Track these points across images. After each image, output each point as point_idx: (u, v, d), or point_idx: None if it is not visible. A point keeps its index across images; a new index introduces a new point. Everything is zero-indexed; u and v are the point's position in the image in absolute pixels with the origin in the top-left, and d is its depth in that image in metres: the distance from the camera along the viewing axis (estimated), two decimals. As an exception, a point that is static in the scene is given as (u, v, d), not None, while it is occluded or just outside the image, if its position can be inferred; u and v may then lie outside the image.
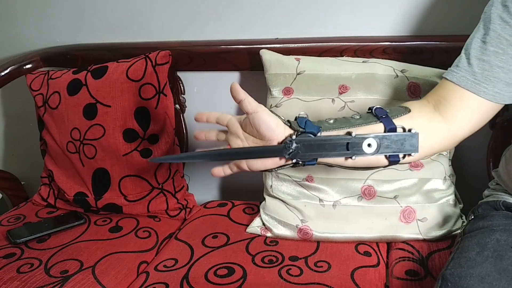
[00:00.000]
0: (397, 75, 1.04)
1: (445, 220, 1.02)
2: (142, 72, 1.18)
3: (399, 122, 0.73)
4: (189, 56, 1.25)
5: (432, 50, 1.09)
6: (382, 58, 1.10)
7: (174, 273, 0.98)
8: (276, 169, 0.75)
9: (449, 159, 1.07)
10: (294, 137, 0.71)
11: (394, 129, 0.72)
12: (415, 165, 1.02)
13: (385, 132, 0.72)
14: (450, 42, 1.07)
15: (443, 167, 1.04)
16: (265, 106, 0.75)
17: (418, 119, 0.75)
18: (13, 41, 1.44)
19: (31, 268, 1.01)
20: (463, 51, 0.77)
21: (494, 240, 0.75)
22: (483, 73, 0.72)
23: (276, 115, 0.73)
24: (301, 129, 0.71)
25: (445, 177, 1.04)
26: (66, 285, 0.95)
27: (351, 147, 0.70)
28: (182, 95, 1.31)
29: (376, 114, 0.74)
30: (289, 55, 1.13)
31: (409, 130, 0.72)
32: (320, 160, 0.73)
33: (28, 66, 1.35)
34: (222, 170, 0.77)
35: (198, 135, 0.81)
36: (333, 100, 1.05)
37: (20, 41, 1.43)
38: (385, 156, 0.73)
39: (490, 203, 0.88)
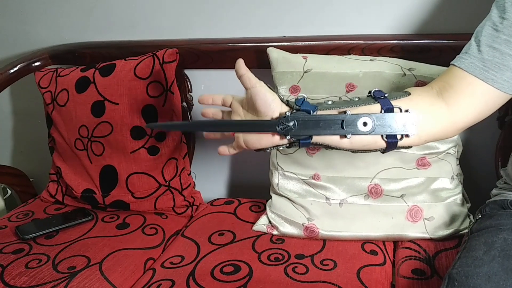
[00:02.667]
0: (405, 74, 1.03)
1: (452, 219, 1.02)
2: (150, 70, 1.19)
3: (397, 103, 0.72)
4: (196, 54, 1.25)
5: (440, 49, 1.09)
6: (390, 57, 1.09)
7: (181, 270, 0.98)
8: (271, 148, 0.76)
9: (457, 158, 1.06)
10: (289, 113, 0.71)
11: (391, 109, 0.71)
12: (422, 164, 1.02)
13: (381, 112, 0.71)
14: (458, 40, 1.05)
15: (451, 166, 1.03)
16: None
17: (417, 101, 0.74)
18: (22, 39, 1.45)
19: (39, 264, 1.02)
20: (472, 38, 0.76)
21: (502, 239, 0.74)
22: (493, 60, 0.71)
23: (275, 92, 0.75)
24: (297, 107, 0.71)
25: (452, 176, 1.03)
26: (73, 281, 0.96)
27: (346, 125, 0.69)
28: (189, 93, 1.31)
29: (374, 95, 0.74)
30: (296, 53, 1.13)
31: (406, 111, 0.71)
32: (316, 139, 0.72)
33: (37, 63, 1.36)
34: (227, 149, 0.81)
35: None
36: (340, 98, 1.04)
37: (29, 39, 1.44)
38: (383, 138, 0.72)
39: (498, 202, 0.87)
